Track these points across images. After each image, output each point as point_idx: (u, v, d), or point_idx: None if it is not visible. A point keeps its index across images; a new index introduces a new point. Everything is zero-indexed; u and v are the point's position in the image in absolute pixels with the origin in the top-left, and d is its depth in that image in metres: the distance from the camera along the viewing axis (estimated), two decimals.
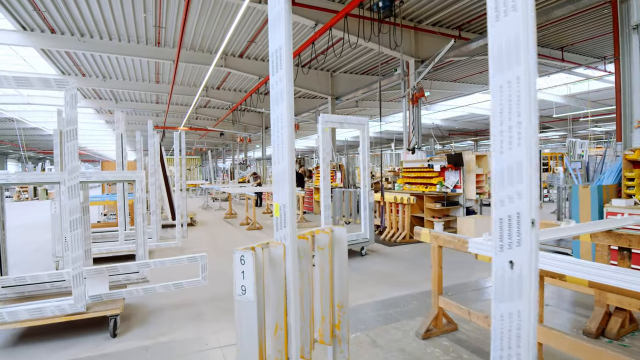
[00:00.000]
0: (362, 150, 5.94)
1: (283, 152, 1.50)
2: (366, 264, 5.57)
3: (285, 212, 1.53)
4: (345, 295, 2.03)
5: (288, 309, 1.55)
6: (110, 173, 3.62)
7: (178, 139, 6.36)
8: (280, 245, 1.55)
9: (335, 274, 1.97)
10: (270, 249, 1.59)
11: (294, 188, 1.53)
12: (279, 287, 1.56)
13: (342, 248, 2.00)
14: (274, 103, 1.55)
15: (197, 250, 6.66)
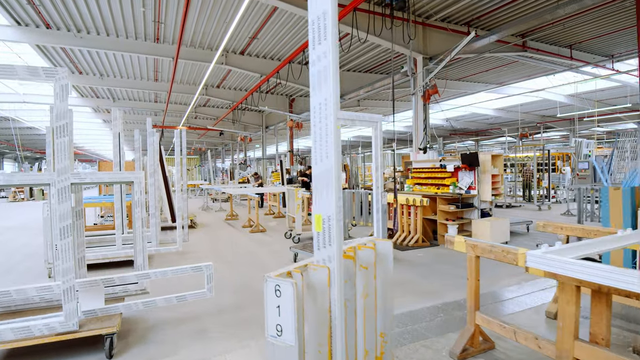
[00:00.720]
0: (375, 149, 5.58)
1: (327, 147, 1.17)
2: None
3: (331, 226, 1.20)
4: (390, 322, 1.69)
5: (333, 350, 1.21)
6: (107, 174, 3.26)
7: (179, 138, 6.00)
8: (323, 268, 1.21)
9: (379, 298, 1.63)
10: (309, 272, 1.25)
11: (341, 194, 1.19)
12: (320, 321, 1.22)
13: (387, 266, 1.66)
14: (316, 85, 1.21)
15: (198, 255, 6.31)
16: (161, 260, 6.00)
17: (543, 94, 20.46)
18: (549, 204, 13.02)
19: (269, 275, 1.20)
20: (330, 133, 1.17)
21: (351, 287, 1.44)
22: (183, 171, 6.31)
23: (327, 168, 1.18)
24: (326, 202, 1.20)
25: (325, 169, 1.19)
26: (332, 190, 1.18)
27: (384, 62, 14.06)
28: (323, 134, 1.19)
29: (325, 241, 1.23)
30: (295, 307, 1.08)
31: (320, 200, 1.21)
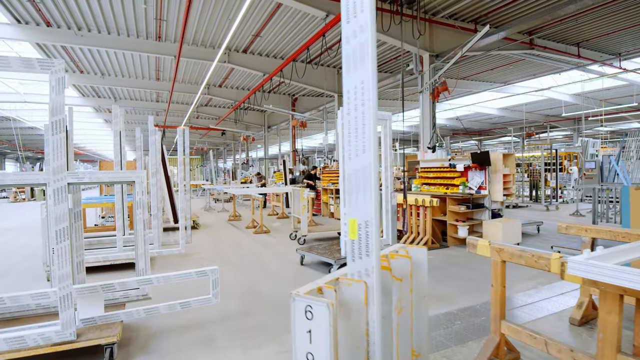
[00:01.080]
0: (385, 148, 5.40)
1: (365, 140, 0.98)
2: None
3: (369, 234, 1.01)
4: (425, 338, 1.51)
5: None
6: (107, 173, 3.08)
7: (181, 137, 5.83)
8: (358, 283, 1.03)
9: (415, 313, 1.45)
10: (342, 288, 1.06)
11: (378, 195, 1.01)
12: (355, 345, 1.04)
13: (422, 276, 1.47)
14: (351, 65, 1.03)
15: (202, 257, 6.13)
16: (163, 263, 5.82)
17: (548, 93, 20.26)
18: (556, 204, 12.81)
19: (298, 294, 1.02)
20: (369, 123, 0.99)
21: (387, 302, 1.25)
22: (186, 171, 6.14)
23: (363, 165, 1.00)
24: (363, 204, 1.01)
25: (362, 165, 1.00)
26: (371, 190, 0.99)
27: (388, 60, 13.87)
28: (359, 123, 1.01)
29: (361, 251, 1.04)
30: (331, 333, 0.89)
31: (355, 203, 1.02)
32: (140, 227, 3.14)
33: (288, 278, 4.95)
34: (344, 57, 1.04)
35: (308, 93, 18.64)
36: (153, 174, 5.55)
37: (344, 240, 4.97)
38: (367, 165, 1.00)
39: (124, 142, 5.95)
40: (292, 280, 4.84)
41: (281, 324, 3.49)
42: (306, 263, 5.60)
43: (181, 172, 5.56)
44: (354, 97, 1.03)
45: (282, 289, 4.51)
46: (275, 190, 9.83)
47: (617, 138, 31.18)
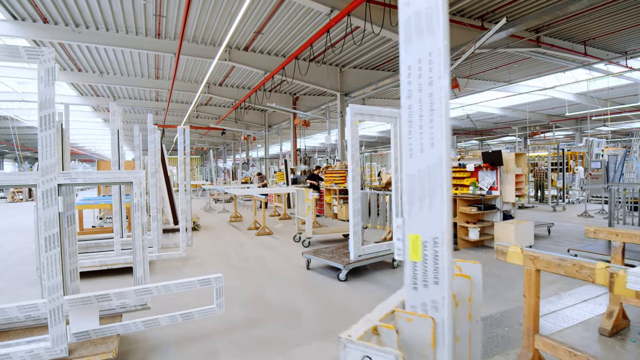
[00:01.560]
0: (394, 147, 5.17)
1: (433, 130, 0.75)
2: (401, 279, 4.80)
3: (438, 255, 0.78)
4: None
5: None
6: (103, 173, 2.83)
7: (182, 135, 5.59)
8: (422, 319, 0.79)
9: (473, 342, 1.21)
10: (400, 325, 0.83)
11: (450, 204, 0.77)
12: None
13: (479, 298, 1.24)
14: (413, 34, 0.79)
15: (203, 261, 5.89)
16: (163, 267, 5.58)
17: (551, 93, 20.06)
18: (563, 205, 12.59)
19: (350, 339, 0.77)
20: (440, 107, 0.75)
21: None
22: (187, 171, 5.89)
23: (431, 163, 0.75)
24: (430, 216, 0.77)
25: (429, 164, 0.76)
26: (442, 197, 0.76)
27: (392, 58, 13.63)
28: (424, 109, 0.77)
29: (427, 277, 0.80)
30: None
31: (418, 213, 0.79)
32: (138, 232, 2.90)
33: (294, 283, 4.71)
34: (402, 23, 0.81)
35: (309, 92, 18.40)
36: (152, 174, 5.31)
37: (352, 241, 4.73)
38: (436, 164, 0.76)
39: (122, 141, 5.72)
40: (299, 286, 4.61)
41: (289, 335, 3.25)
42: (312, 267, 5.37)
43: (181, 172, 5.31)
44: (417, 74, 0.79)
45: (288, 295, 4.28)
46: (278, 191, 9.59)
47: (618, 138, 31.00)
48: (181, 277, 5.04)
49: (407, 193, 0.85)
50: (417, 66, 0.79)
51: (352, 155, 4.62)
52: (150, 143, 5.27)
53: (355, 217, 4.68)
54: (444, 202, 0.78)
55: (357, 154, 4.67)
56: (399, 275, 4.93)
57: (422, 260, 0.83)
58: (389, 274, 4.99)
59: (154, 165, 5.33)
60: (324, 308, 3.87)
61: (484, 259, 5.75)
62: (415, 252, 0.83)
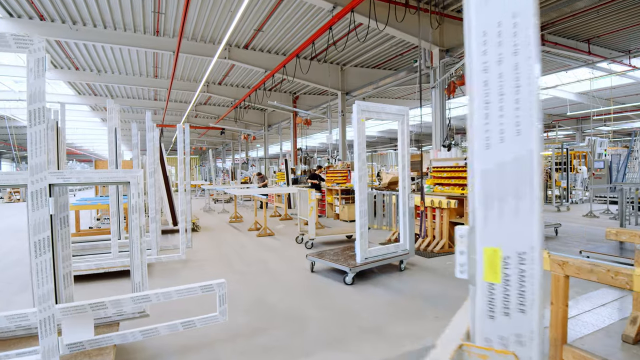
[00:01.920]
0: (402, 145, 5.01)
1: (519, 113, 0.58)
2: (410, 283, 4.63)
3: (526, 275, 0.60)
4: None
5: None
6: (98, 173, 2.66)
7: (182, 133, 5.41)
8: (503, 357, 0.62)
9: None
10: None
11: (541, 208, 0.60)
12: None
13: None
14: None
15: (203, 263, 5.71)
16: (162, 270, 5.40)
17: (553, 92, 19.95)
18: (567, 205, 12.45)
19: None
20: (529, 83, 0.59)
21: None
22: (186, 171, 5.72)
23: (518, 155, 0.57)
24: (513, 224, 0.59)
25: (514, 156, 0.57)
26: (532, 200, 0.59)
27: (394, 56, 13.47)
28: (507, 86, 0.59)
29: (509, 303, 0.63)
30: None
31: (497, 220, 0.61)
32: (136, 235, 2.72)
33: (299, 287, 4.54)
34: None
35: (310, 91, 18.23)
36: (150, 174, 5.13)
37: (358, 243, 4.55)
38: (524, 156, 0.59)
39: (119, 140, 5.53)
40: (304, 290, 4.43)
41: (296, 343, 3.08)
42: (317, 270, 5.19)
43: (181, 171, 5.13)
44: (495, 40, 0.62)
45: (294, 300, 4.10)
46: (280, 191, 9.42)
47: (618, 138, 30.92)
48: (181, 280, 4.86)
49: (481, 194, 0.68)
50: (495, 31, 0.62)
51: (358, 154, 4.45)
52: (148, 142, 5.09)
53: (362, 218, 4.51)
54: (534, 206, 0.61)
55: (364, 152, 4.50)
56: (406, 279, 4.76)
57: (502, 282, 0.66)
58: (397, 277, 4.82)
59: (152, 165, 5.15)
60: (330, 314, 3.70)
61: None
62: (492, 270, 0.66)
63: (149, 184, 5.09)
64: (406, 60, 13.81)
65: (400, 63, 14.31)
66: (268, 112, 23.10)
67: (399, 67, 14.57)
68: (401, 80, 12.79)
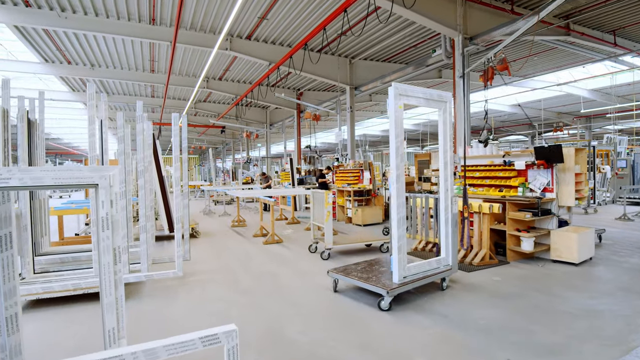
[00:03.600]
0: (444, 138, 4.15)
1: None
2: (457, 307, 3.77)
3: None
4: None
5: None
6: (53, 171, 1.79)
7: (177, 125, 4.55)
8: None
9: None
10: None
11: None
12: None
13: None
14: None
15: (203, 280, 4.83)
16: (154, 289, 4.53)
17: (566, 89, 19.13)
18: (594, 207, 11.61)
19: None
20: None
21: None
22: (184, 169, 4.86)
23: None
24: None
25: None
26: None
27: (406, 49, 12.61)
28: None
29: None
30: None
31: None
32: (107, 262, 1.86)
33: (323, 313, 3.67)
34: None
35: (315, 87, 17.37)
36: (141, 173, 4.26)
37: (396, 258, 3.69)
38: None
39: (106, 134, 4.67)
40: (330, 318, 3.56)
41: None
42: (341, 289, 4.32)
43: (177, 171, 4.25)
44: None
45: (319, 333, 3.23)
46: (288, 193, 8.56)
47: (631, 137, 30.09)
48: (176, 304, 3.98)
49: None
50: None
51: (396, 147, 3.58)
52: (138, 134, 4.23)
53: (400, 227, 3.64)
54: None
55: (402, 146, 3.63)
56: (451, 301, 3.90)
57: None
58: (439, 299, 3.95)
59: (142, 162, 4.29)
60: (372, 356, 2.83)
61: (546, 274, 4.73)
62: None
63: (140, 185, 4.22)
64: (420, 52, 12.97)
65: (412, 56, 13.47)
66: (270, 110, 22.24)
67: (411, 60, 13.73)
68: (415, 73, 11.95)
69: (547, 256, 5.55)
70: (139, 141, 4.29)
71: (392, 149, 3.62)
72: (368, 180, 9.61)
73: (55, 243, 6.09)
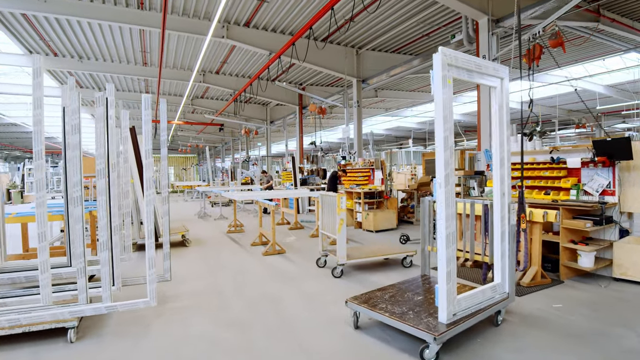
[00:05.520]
0: (499, 127, 3.15)
1: None
2: (525, 355, 2.77)
3: None
4: None
5: None
6: None
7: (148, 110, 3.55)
8: None
9: None
10: None
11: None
12: None
13: None
14: None
15: (185, 308, 3.81)
16: (122, 321, 3.54)
17: (582, 84, 18.11)
18: None
19: None
20: None
21: None
22: (163, 168, 3.87)
23: None
24: None
25: None
26: None
27: (419, 37, 11.57)
28: None
29: None
30: None
31: None
32: None
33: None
34: None
35: (318, 81, 16.37)
36: (100, 173, 3.27)
37: (444, 290, 2.69)
38: None
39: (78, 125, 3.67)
40: None
41: None
42: (364, 324, 3.33)
43: (148, 169, 3.23)
44: None
45: None
46: (291, 194, 7.56)
47: None
48: (145, 346, 2.98)
49: None
50: None
51: (444, 137, 2.59)
52: (97, 120, 3.24)
53: (450, 247, 2.65)
54: None
55: (452, 136, 2.64)
56: (511, 343, 2.90)
57: None
58: (497, 341, 2.95)
59: (103, 158, 3.30)
60: None
61: (617, 300, 3.73)
62: None
63: (99, 187, 3.24)
64: (432, 42, 11.96)
65: (423, 47, 12.46)
66: (271, 106, 21.23)
67: (422, 51, 12.71)
68: (417, 68, 11.06)
69: (606, 273, 4.56)
70: (98, 128, 3.32)
71: (439, 139, 2.63)
72: (380, 181, 8.61)
73: (15, 256, 5.11)
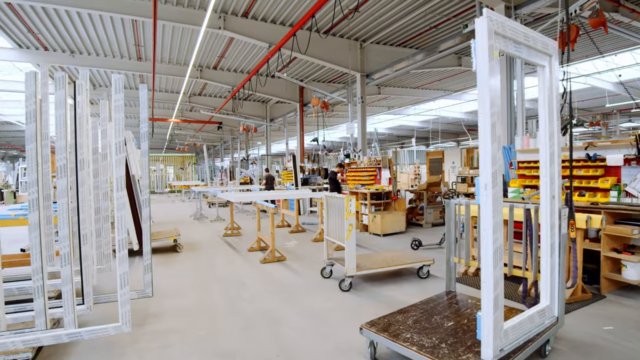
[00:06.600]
0: (549, 113, 2.58)
1: None
2: None
3: None
4: None
5: None
6: None
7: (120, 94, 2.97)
8: None
9: None
10: None
11: None
12: None
13: None
14: None
15: (168, 331, 3.19)
16: (90, 349, 2.96)
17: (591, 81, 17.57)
18: None
19: None
20: None
21: None
22: (144, 162, 3.31)
23: None
24: None
25: None
26: None
27: (426, 30, 10.99)
28: None
29: None
30: None
31: None
32: None
33: None
34: None
35: (320, 77, 15.79)
36: (61, 170, 2.70)
37: (490, 320, 2.11)
38: None
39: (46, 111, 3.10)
40: None
41: None
42: (382, 356, 2.75)
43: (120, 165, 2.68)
44: None
45: None
46: (293, 195, 6.98)
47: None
48: None
49: None
50: None
51: (491, 124, 2.02)
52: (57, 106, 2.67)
53: (497, 265, 2.07)
54: None
55: (499, 124, 2.06)
56: None
57: None
58: None
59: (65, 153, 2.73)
60: None
61: None
62: None
63: (59, 188, 2.66)
64: (441, 33, 11.37)
65: (430, 40, 11.88)
66: (271, 104, 20.65)
67: (427, 45, 12.12)
68: (422, 62, 10.52)
69: None
70: (58, 116, 2.74)
71: (484, 127, 2.05)
72: (387, 181, 8.03)
73: None
